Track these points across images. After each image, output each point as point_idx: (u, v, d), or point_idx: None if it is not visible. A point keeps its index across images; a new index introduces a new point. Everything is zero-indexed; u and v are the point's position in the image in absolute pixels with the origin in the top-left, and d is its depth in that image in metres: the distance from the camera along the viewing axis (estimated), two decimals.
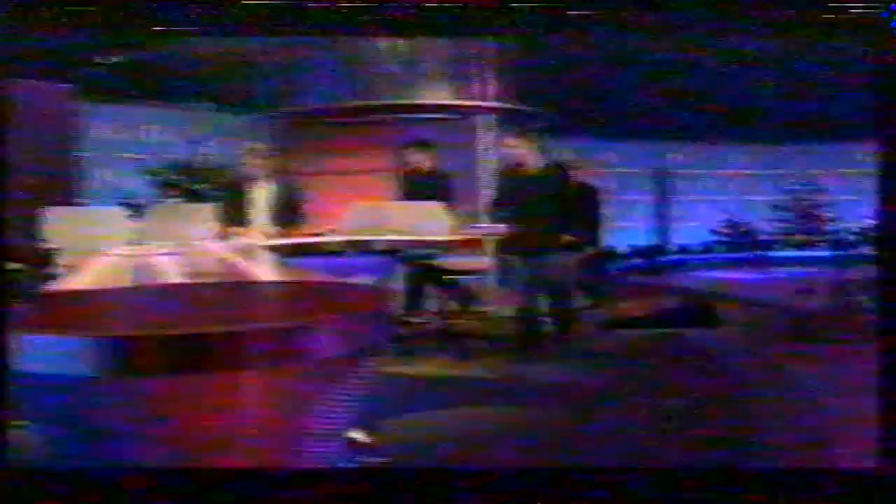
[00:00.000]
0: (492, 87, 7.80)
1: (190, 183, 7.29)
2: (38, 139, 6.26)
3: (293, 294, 1.97)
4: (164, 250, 3.97)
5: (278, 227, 5.11)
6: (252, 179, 5.30)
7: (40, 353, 1.54)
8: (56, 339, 1.54)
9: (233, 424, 1.59)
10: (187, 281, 2.55)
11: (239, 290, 2.24)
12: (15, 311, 1.88)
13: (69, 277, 3.00)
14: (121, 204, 6.75)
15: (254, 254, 3.96)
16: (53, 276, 3.58)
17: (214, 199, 6.92)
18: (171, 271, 2.99)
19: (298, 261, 4.15)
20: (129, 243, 4.34)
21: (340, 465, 1.88)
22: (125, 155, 7.80)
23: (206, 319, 1.65)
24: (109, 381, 1.52)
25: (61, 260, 3.99)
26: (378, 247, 4.62)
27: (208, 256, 3.82)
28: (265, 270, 3.00)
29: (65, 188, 6.62)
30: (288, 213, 5.23)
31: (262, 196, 5.29)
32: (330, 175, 7.36)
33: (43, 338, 1.56)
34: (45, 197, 5.23)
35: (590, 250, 6.30)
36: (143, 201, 7.01)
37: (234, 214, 5.22)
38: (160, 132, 8.15)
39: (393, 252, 4.80)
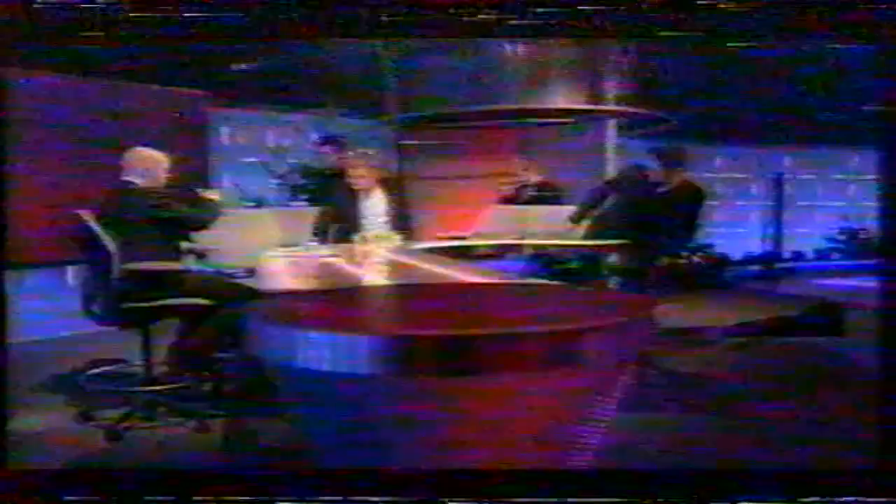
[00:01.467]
0: (609, 91, 7.71)
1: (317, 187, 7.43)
2: (176, 144, 6.50)
3: (551, 297, 1.97)
4: (323, 252, 4.10)
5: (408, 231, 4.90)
6: (364, 186, 4.99)
7: (318, 350, 1.59)
8: (337, 336, 1.58)
9: (500, 426, 1.61)
10: (405, 281, 2.58)
11: (484, 292, 2.27)
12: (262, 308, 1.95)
13: (256, 276, 3.10)
14: (253, 207, 6.98)
15: (412, 255, 4.02)
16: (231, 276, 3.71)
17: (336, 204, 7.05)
18: (358, 273, 3.07)
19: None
20: (284, 245, 4.47)
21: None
22: (253, 160, 8.02)
23: (480, 321, 1.67)
24: (385, 380, 1.55)
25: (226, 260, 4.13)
26: (523, 251, 4.63)
27: (370, 258, 3.92)
28: (460, 272, 3.04)
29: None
30: (403, 217, 4.98)
31: (380, 201, 5.04)
32: (453, 180, 7.44)
33: (323, 335, 1.60)
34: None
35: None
36: (272, 205, 7.22)
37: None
38: (287, 137, 8.36)
39: (536, 256, 4.79)
